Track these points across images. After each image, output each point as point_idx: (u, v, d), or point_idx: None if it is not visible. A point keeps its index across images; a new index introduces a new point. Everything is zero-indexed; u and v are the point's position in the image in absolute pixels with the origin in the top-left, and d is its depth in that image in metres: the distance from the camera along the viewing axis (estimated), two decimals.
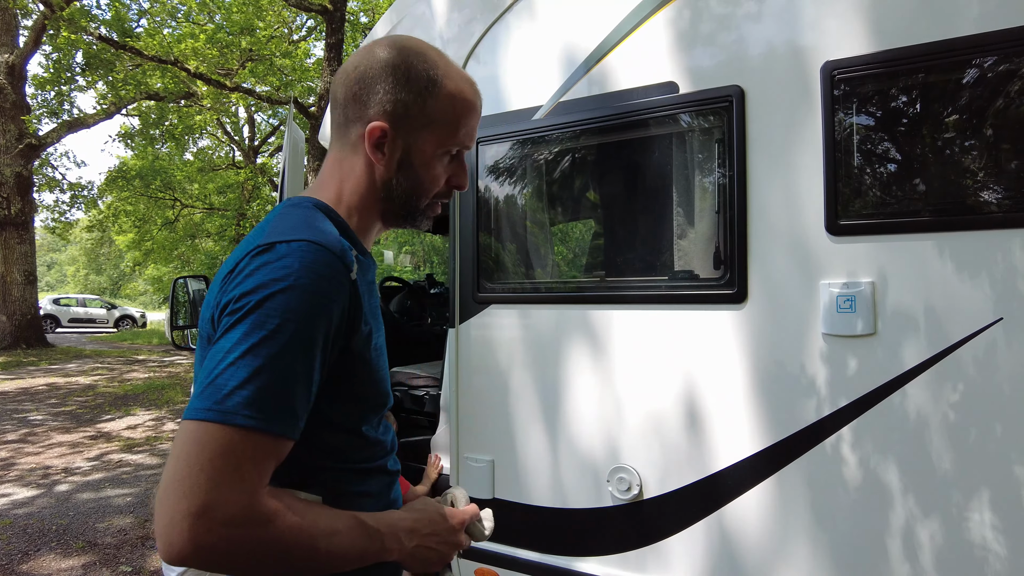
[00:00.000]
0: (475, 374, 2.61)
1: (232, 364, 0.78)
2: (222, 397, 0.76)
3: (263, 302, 0.81)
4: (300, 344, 0.81)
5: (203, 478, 0.74)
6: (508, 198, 2.62)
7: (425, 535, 0.97)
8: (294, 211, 0.96)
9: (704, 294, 2.16)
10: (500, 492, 2.54)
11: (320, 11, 10.62)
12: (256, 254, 0.86)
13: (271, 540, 0.78)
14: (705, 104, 2.15)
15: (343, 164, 1.03)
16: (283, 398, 0.80)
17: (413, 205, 1.06)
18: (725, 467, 2.11)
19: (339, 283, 0.87)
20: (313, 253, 0.86)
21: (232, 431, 0.76)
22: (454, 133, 1.04)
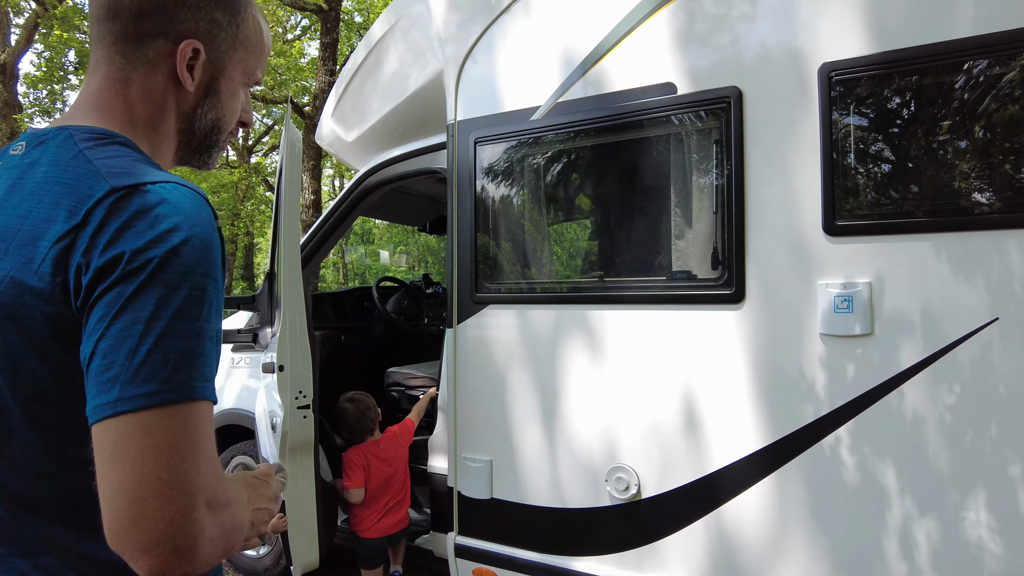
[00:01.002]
0: (473, 374, 2.61)
1: (165, 335, 0.67)
2: (171, 372, 0.67)
3: (168, 258, 0.69)
4: (214, 302, 0.74)
5: (191, 465, 0.66)
6: (506, 198, 2.62)
7: (255, 499, 0.93)
8: (106, 149, 0.80)
9: (702, 294, 2.17)
10: (498, 492, 2.54)
11: (315, 10, 10.58)
12: (118, 199, 0.71)
13: (239, 519, 0.74)
14: (703, 105, 2.16)
15: (131, 85, 0.87)
16: (212, 362, 0.73)
17: (214, 139, 0.97)
18: (723, 467, 2.12)
19: (216, 228, 0.78)
20: (192, 198, 0.76)
21: (194, 407, 0.68)
22: (257, 62, 0.97)
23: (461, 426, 2.65)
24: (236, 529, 0.73)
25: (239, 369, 3.69)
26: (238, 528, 0.74)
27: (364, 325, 4.26)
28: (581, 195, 2.53)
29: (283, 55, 13.67)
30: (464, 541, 2.62)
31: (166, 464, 0.65)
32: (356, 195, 3.33)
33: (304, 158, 10.85)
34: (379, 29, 3.09)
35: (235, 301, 3.73)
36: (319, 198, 10.82)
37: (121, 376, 0.66)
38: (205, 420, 0.70)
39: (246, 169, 17.71)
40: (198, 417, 0.69)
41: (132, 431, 0.65)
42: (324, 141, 3.66)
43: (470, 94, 2.64)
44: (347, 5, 13.34)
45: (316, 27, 13.09)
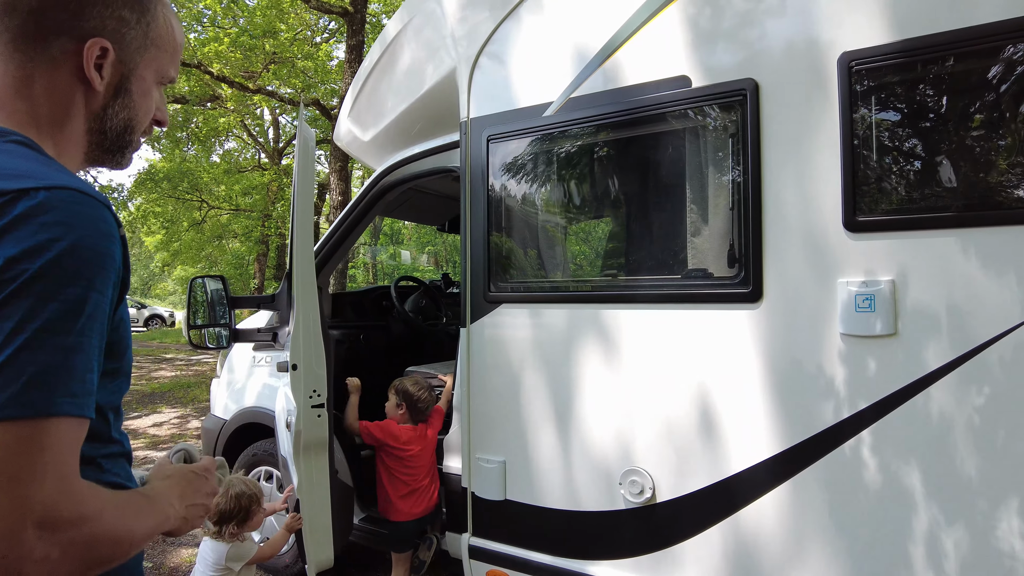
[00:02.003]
0: (487, 374, 2.59)
1: (25, 347, 0.65)
2: (23, 386, 0.64)
3: (48, 268, 0.67)
4: (96, 315, 0.71)
5: (23, 484, 0.63)
6: (518, 196, 2.59)
7: (191, 494, 0.93)
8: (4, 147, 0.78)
9: (718, 293, 2.11)
10: (512, 494, 2.51)
11: (341, 13, 10.67)
12: (8, 203, 0.69)
13: (102, 535, 0.70)
14: (718, 98, 2.10)
15: (34, 84, 0.84)
16: (86, 377, 0.70)
17: (127, 139, 0.94)
18: (740, 470, 2.06)
19: (116, 240, 0.76)
20: (85, 204, 0.73)
21: (46, 423, 0.65)
22: (170, 61, 0.95)
23: (475, 426, 2.62)
24: (102, 543, 0.70)
25: (260, 368, 3.73)
26: (106, 542, 0.71)
27: (383, 324, 4.27)
28: (594, 192, 2.48)
29: (310, 58, 13.82)
30: (478, 542, 2.60)
31: (14, 480, 0.63)
32: (373, 195, 3.33)
33: (331, 159, 10.97)
34: (393, 28, 3.09)
35: (255, 300, 3.78)
36: (347, 199, 10.91)
37: None
38: (59, 437, 0.66)
39: (276, 171, 17.99)
40: (48, 434, 0.65)
41: None
42: (342, 141, 3.67)
43: (483, 91, 2.61)
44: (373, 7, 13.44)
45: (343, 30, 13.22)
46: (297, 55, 13.35)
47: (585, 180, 2.47)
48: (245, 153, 21.49)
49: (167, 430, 7.45)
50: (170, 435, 7.20)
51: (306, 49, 14.05)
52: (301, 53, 13.59)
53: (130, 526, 0.75)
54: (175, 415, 8.35)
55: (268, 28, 12.68)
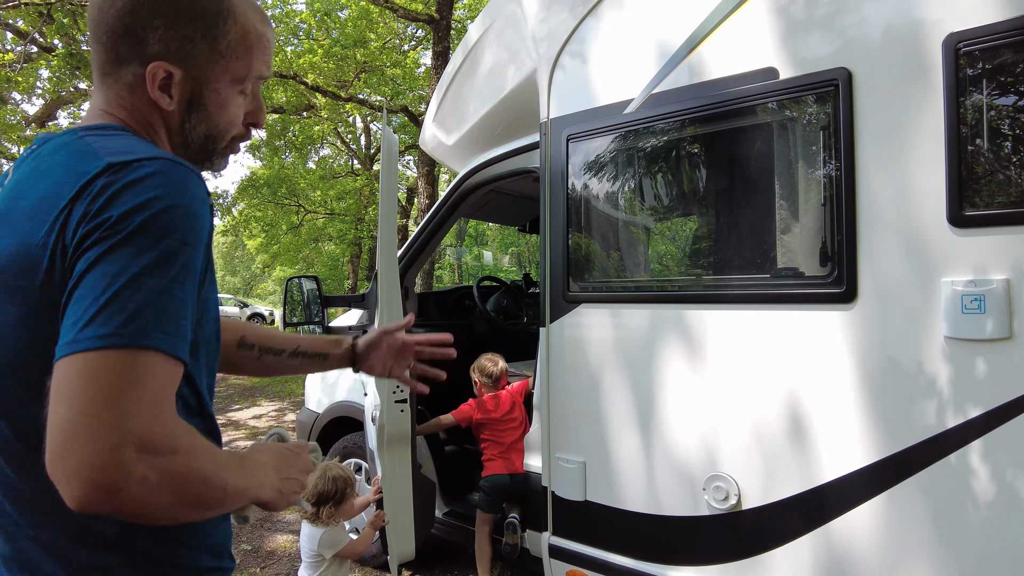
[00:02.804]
0: (566, 374, 2.59)
1: (127, 286, 0.70)
2: (124, 320, 0.69)
3: (149, 222, 0.73)
4: (190, 268, 0.76)
5: (126, 406, 0.67)
6: (598, 195, 2.57)
7: (285, 469, 0.93)
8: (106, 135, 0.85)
9: (809, 293, 2.01)
10: (592, 495, 2.50)
11: (427, 20, 10.96)
12: (114, 172, 0.76)
13: (195, 471, 0.72)
14: (808, 90, 2.01)
15: (123, 101, 0.91)
16: (181, 323, 0.74)
17: (211, 148, 0.98)
18: (833, 479, 1.96)
19: (207, 206, 0.81)
20: (182, 172, 0.79)
21: (145, 355, 0.70)
22: (248, 67, 0.95)
23: (555, 426, 2.63)
24: (193, 479, 0.72)
25: None
26: (198, 479, 0.72)
27: (465, 323, 4.35)
28: (676, 189, 2.43)
29: (399, 65, 14.25)
30: (558, 542, 2.61)
31: (101, 402, 0.66)
32: (456, 197, 3.41)
33: (419, 164, 11.27)
34: (475, 32, 3.15)
35: (346, 299, 3.95)
36: (434, 202, 11.17)
37: (81, 320, 0.69)
38: (154, 370, 0.70)
39: (368, 176, 18.67)
40: (145, 364, 0.69)
41: (77, 369, 0.67)
42: (427, 146, 3.78)
43: (562, 91, 2.62)
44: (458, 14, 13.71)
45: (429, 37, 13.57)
46: (386, 63, 13.81)
47: (667, 177, 2.43)
48: (339, 159, 22.43)
49: (265, 422, 7.91)
50: (268, 427, 7.63)
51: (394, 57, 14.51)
52: (390, 61, 14.04)
53: (223, 475, 0.76)
54: (273, 408, 8.85)
55: (359, 38, 13.20)
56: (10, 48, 10.95)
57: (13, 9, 9.36)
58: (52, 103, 13.04)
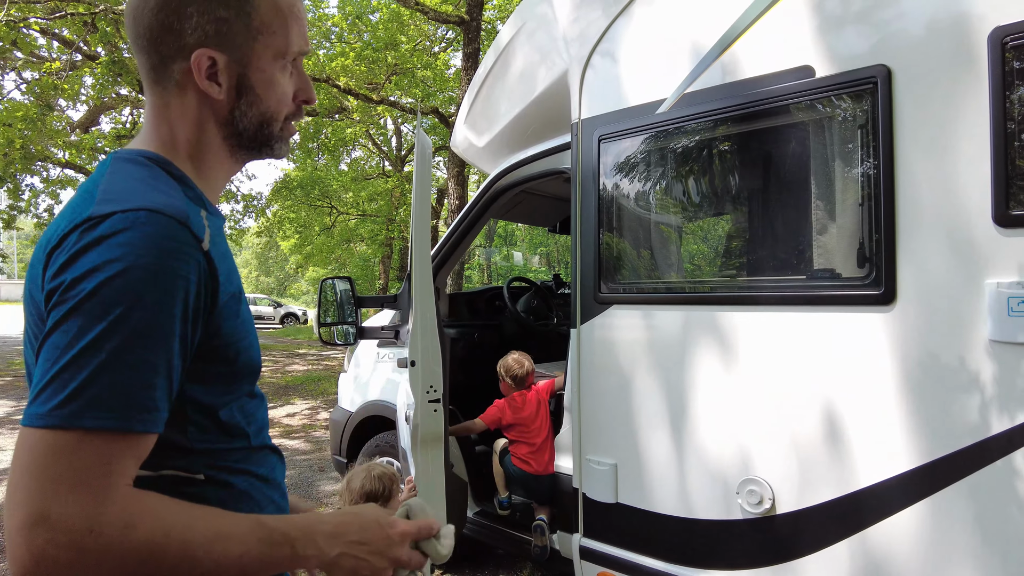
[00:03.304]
0: (598, 375, 2.58)
1: (71, 363, 0.69)
2: (62, 400, 0.68)
3: (98, 289, 0.70)
4: (150, 332, 0.72)
5: (41, 486, 0.66)
6: (631, 195, 2.56)
7: (352, 542, 0.83)
8: (126, 167, 0.84)
9: (847, 295, 1.98)
10: (623, 497, 2.49)
11: (457, 22, 11.02)
12: (85, 229, 0.74)
13: (131, 548, 0.68)
14: (845, 87, 1.97)
15: (170, 108, 0.90)
16: (137, 392, 0.71)
17: (267, 132, 0.95)
18: (871, 484, 1.92)
19: (188, 256, 0.77)
20: (154, 224, 0.75)
21: (75, 435, 0.68)
22: (287, 40, 0.92)
23: (586, 427, 2.63)
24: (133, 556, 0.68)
25: (383, 363, 3.95)
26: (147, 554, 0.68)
27: (496, 324, 4.36)
28: (710, 189, 2.40)
29: (429, 67, 14.35)
30: (589, 543, 2.60)
31: (28, 477, 0.67)
32: (487, 198, 3.43)
33: (449, 165, 11.34)
34: (506, 34, 3.16)
35: (379, 300, 4.00)
36: (464, 203, 11.25)
37: (32, 391, 0.70)
38: (87, 449, 0.68)
39: (399, 178, 18.84)
40: (77, 446, 0.67)
41: (21, 442, 0.68)
42: (458, 148, 3.80)
43: (594, 91, 2.61)
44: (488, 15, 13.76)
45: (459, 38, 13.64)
46: (417, 65, 13.92)
47: (700, 177, 2.41)
48: (370, 161, 22.69)
49: (299, 420, 8.04)
50: (301, 425, 7.76)
51: (425, 59, 14.62)
52: (420, 63, 14.15)
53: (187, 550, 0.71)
54: (306, 406, 8.99)
55: (390, 41, 13.34)
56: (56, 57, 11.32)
57: (60, 19, 9.68)
58: (95, 109, 13.45)
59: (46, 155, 11.80)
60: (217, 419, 0.88)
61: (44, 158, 11.69)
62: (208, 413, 0.87)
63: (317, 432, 7.39)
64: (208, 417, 0.87)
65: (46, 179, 13.50)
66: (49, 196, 13.67)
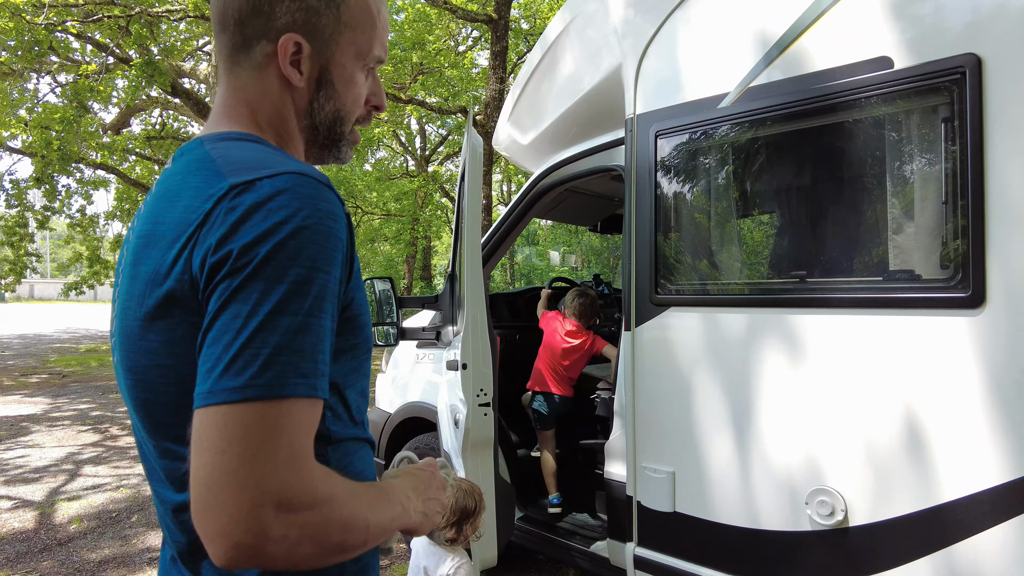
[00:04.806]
0: (653, 380, 2.50)
1: (260, 328, 0.67)
2: (259, 368, 0.66)
3: (275, 253, 0.69)
4: (324, 294, 0.72)
5: (261, 463, 0.64)
6: (690, 193, 2.48)
7: (424, 489, 0.92)
8: (230, 145, 0.82)
9: (929, 297, 1.87)
10: (681, 506, 2.41)
11: (486, 20, 10.98)
12: (235, 196, 0.72)
13: (335, 520, 0.69)
14: (928, 79, 1.87)
15: (248, 91, 0.88)
16: (317, 357, 0.71)
17: (339, 131, 0.94)
18: (954, 499, 1.82)
19: (340, 218, 0.76)
20: (307, 186, 0.74)
21: (280, 405, 0.66)
22: (370, 41, 0.92)
23: (640, 434, 2.55)
24: (334, 529, 0.69)
25: (423, 364, 3.90)
26: (338, 527, 0.70)
27: (537, 325, 4.30)
28: (776, 186, 2.31)
29: (456, 67, 14.34)
30: (644, 553, 2.52)
31: (236, 459, 0.64)
32: (531, 197, 3.36)
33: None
34: (554, 30, 3.09)
35: (419, 301, 3.95)
36: (489, 202, 11.21)
37: (215, 368, 0.67)
38: (290, 419, 0.67)
39: (424, 178, 18.87)
40: (281, 416, 0.66)
41: (213, 423, 0.65)
42: (500, 146, 3.74)
43: (650, 86, 2.53)
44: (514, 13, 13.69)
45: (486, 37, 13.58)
46: (443, 65, 13.91)
47: (767, 174, 2.31)
48: (395, 161, 22.76)
49: None
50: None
51: (452, 58, 14.60)
52: (447, 63, 14.14)
53: (364, 515, 0.74)
54: None
55: (416, 40, 13.34)
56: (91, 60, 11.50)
57: (95, 23, 9.82)
58: (126, 111, 13.65)
59: (81, 156, 11.99)
60: (346, 402, 0.86)
61: (79, 159, 11.88)
62: (340, 394, 0.85)
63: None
64: (341, 400, 0.85)
65: (80, 180, 13.74)
66: (82, 197, 13.92)
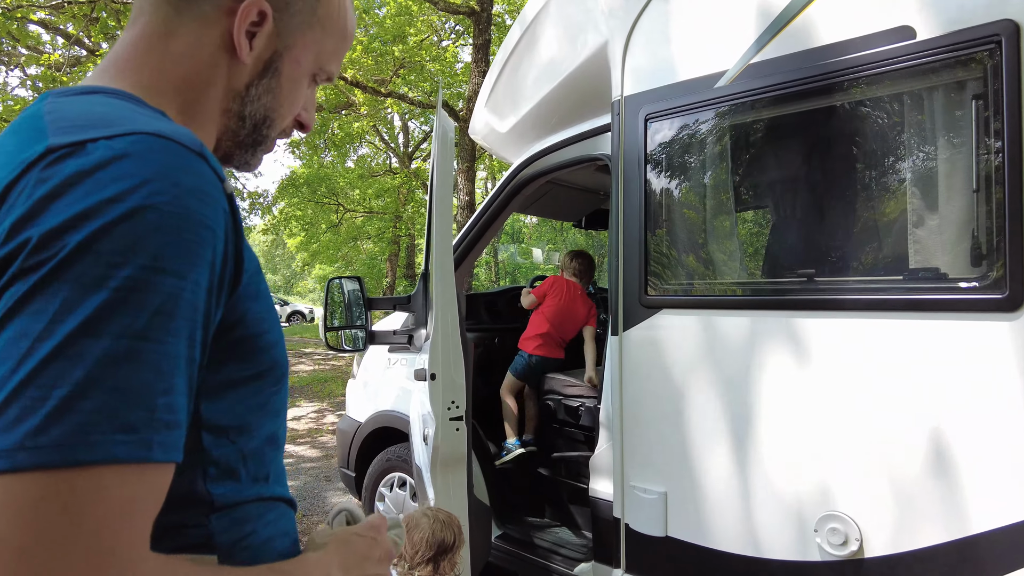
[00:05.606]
0: (643, 390, 2.26)
1: (52, 359, 0.45)
2: (45, 420, 0.44)
3: (92, 242, 0.48)
4: (173, 308, 0.51)
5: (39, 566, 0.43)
6: (684, 183, 2.24)
7: (358, 566, 0.73)
8: (79, 100, 0.61)
9: (957, 299, 1.65)
10: (674, 530, 2.17)
11: (468, 13, 10.71)
12: (51, 163, 0.50)
13: None
14: (957, 49, 1.64)
15: (172, 41, 0.68)
16: (154, 401, 0.49)
17: (264, 132, 0.78)
18: (990, 529, 1.59)
19: (213, 200, 0.55)
20: (165, 151, 0.53)
21: (80, 476, 0.45)
22: (333, 50, 0.79)
23: (629, 450, 2.30)
24: None
25: (395, 369, 3.63)
26: None
27: (519, 327, 4.04)
28: (780, 176, 2.07)
29: (438, 60, 14.08)
30: None
31: (22, 553, 0.43)
32: (510, 189, 3.11)
33: (459, 161, 11.03)
34: (533, 7, 2.83)
35: (390, 301, 3.69)
36: (473, 199, 10.95)
37: None
38: (102, 496, 0.46)
39: (406, 174, 18.55)
40: (82, 492, 0.45)
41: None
42: (478, 135, 3.48)
43: (639, 65, 2.28)
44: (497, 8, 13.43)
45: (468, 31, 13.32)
46: (425, 58, 13.63)
47: (770, 162, 2.08)
48: (377, 158, 22.43)
49: (305, 424, 7.75)
50: (307, 430, 7.47)
51: (434, 52, 14.34)
52: (429, 56, 13.86)
53: None
54: (312, 409, 8.70)
55: (397, 33, 13.04)
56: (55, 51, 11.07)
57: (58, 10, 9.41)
58: None
59: None
60: (243, 454, 0.65)
61: None
62: (232, 443, 0.64)
63: (324, 437, 7.09)
64: (235, 450, 0.64)
65: None
66: None
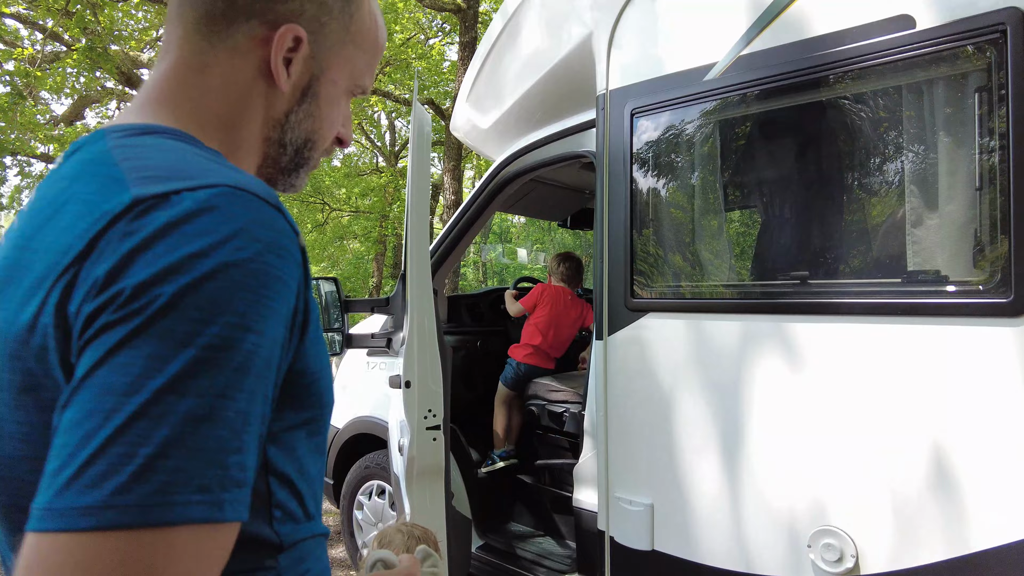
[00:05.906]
0: (629, 397, 2.16)
1: (140, 415, 0.44)
2: (130, 478, 0.42)
3: (181, 297, 0.47)
4: (251, 365, 0.49)
5: None
6: (672, 182, 2.14)
7: None
8: (147, 141, 0.59)
9: (959, 303, 1.56)
10: (661, 544, 2.07)
11: (454, 10, 10.60)
12: (137, 215, 0.49)
13: None
14: (961, 39, 1.55)
15: (208, 75, 0.66)
16: (228, 460, 0.47)
17: (306, 155, 0.76)
18: (994, 546, 1.50)
19: (290, 255, 0.54)
20: (246, 205, 0.52)
21: (159, 536, 0.43)
22: (366, 64, 0.78)
23: (614, 460, 2.20)
24: None
25: (374, 374, 3.52)
26: None
27: (502, 329, 3.94)
28: (773, 173, 1.98)
29: (424, 58, 13.97)
30: None
31: None
32: (492, 188, 3.00)
33: (445, 159, 10.91)
34: (512, 1, 2.73)
35: (368, 303, 3.57)
36: (460, 199, 10.83)
37: (63, 472, 0.43)
38: (179, 557, 0.44)
39: (392, 173, 18.41)
40: (160, 554, 0.43)
41: (49, 560, 0.42)
42: (459, 131, 3.37)
43: (625, 57, 2.18)
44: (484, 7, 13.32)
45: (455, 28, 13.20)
46: (411, 56, 13.52)
47: (762, 159, 1.98)
48: (363, 157, 22.26)
49: None
50: None
51: (420, 50, 14.22)
52: (415, 54, 13.75)
53: None
54: None
55: None
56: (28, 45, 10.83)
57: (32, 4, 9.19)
58: (79, 102, 12.95)
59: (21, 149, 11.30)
60: (299, 495, 0.64)
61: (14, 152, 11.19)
62: (291, 485, 0.62)
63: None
64: (292, 493, 0.63)
65: (29, 174, 13.02)
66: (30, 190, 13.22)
